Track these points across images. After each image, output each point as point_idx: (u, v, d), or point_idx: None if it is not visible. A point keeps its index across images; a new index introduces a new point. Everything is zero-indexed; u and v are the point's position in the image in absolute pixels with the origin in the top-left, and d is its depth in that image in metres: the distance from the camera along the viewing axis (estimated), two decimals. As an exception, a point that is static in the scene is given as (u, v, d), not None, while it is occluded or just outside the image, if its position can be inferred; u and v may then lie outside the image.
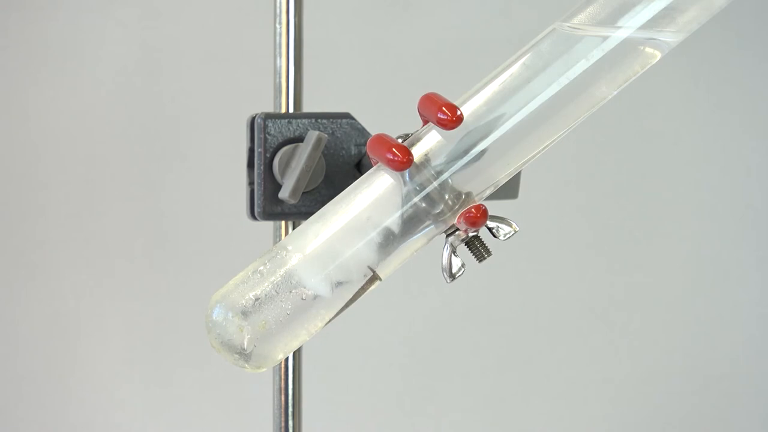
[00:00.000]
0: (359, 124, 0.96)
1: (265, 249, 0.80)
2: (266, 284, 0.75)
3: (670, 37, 0.75)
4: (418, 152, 0.76)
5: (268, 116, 0.94)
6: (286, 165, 0.94)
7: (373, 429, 1.97)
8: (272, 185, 0.94)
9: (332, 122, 0.95)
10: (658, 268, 2.03)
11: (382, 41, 1.93)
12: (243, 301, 0.75)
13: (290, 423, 1.03)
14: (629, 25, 0.74)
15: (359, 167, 0.95)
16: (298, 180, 0.92)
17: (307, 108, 1.02)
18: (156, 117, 1.88)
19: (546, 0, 1.92)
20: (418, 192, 0.75)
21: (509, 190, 0.96)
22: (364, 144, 0.95)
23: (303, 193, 0.94)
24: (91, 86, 1.86)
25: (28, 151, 1.85)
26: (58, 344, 1.87)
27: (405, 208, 0.76)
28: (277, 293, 0.75)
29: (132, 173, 1.88)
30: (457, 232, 0.76)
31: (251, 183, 0.96)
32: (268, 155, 0.94)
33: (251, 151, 0.95)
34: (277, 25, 1.01)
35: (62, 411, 1.88)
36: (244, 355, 0.75)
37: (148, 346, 1.89)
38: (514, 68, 0.76)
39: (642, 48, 0.75)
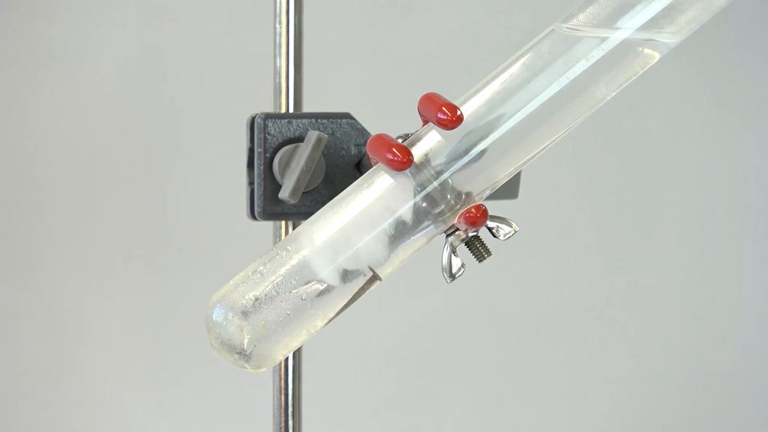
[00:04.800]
0: (359, 124, 0.96)
1: (265, 249, 0.80)
2: (266, 284, 0.75)
3: (670, 38, 0.75)
4: (418, 152, 0.76)
5: (268, 116, 0.94)
6: (286, 165, 0.93)
7: (373, 429, 1.97)
8: (272, 185, 0.94)
9: (332, 122, 0.95)
10: (658, 268, 2.03)
11: (382, 42, 1.93)
12: (243, 301, 0.75)
13: (290, 423, 1.03)
14: (629, 26, 0.74)
15: (359, 167, 0.95)
16: (298, 180, 0.92)
17: (307, 108, 1.02)
18: (156, 117, 1.88)
19: (546, 0, 1.92)
20: (418, 192, 0.75)
21: (509, 190, 0.96)
22: (364, 144, 0.95)
23: (303, 193, 0.93)
24: (91, 86, 1.86)
25: (28, 151, 1.85)
26: (58, 344, 1.87)
27: (405, 207, 0.76)
28: (277, 293, 0.75)
29: (132, 173, 1.88)
30: (457, 232, 0.76)
31: (251, 183, 0.96)
32: (268, 155, 0.94)
33: (251, 151, 0.95)
34: (277, 25, 1.01)
35: (62, 411, 1.88)
36: (244, 355, 0.75)
37: (148, 346, 1.89)
38: (514, 68, 0.76)
39: (642, 48, 0.75)
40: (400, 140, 0.77)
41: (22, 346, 1.86)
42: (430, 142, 0.76)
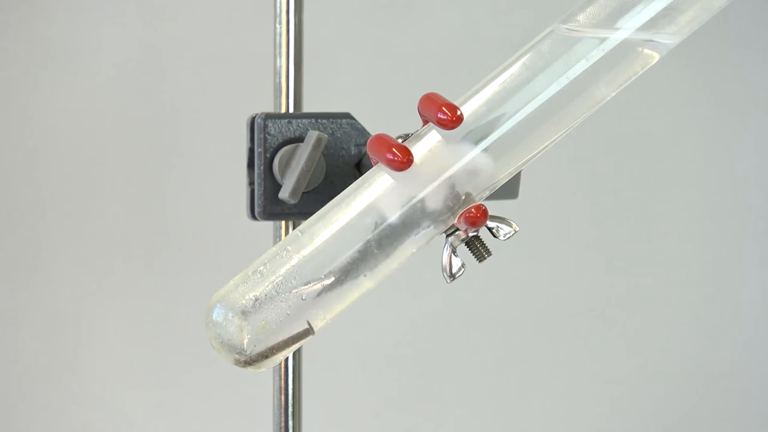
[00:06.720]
0: (359, 124, 0.96)
1: (265, 249, 0.80)
2: (266, 284, 0.75)
3: (670, 38, 0.75)
4: (418, 152, 0.76)
5: (268, 116, 0.94)
6: (286, 165, 0.93)
7: (373, 429, 1.97)
8: (272, 185, 0.94)
9: (332, 122, 0.95)
10: (658, 268, 2.03)
11: (382, 41, 1.93)
12: (243, 301, 0.75)
13: (290, 423, 1.03)
14: (629, 26, 0.74)
15: (359, 167, 0.95)
16: (298, 180, 0.92)
17: (307, 108, 1.02)
18: (156, 117, 1.88)
19: (546, 0, 1.92)
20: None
21: (509, 190, 0.96)
22: (364, 144, 0.95)
23: (303, 193, 0.93)
24: (91, 86, 1.86)
25: (28, 151, 1.85)
26: (58, 344, 1.87)
27: (405, 208, 0.76)
28: (277, 293, 0.75)
29: (132, 173, 1.88)
30: (457, 232, 0.76)
31: (251, 183, 0.96)
32: (268, 155, 0.94)
33: (251, 151, 0.95)
34: (277, 25, 1.01)
35: (62, 411, 1.88)
36: (244, 355, 0.75)
37: (148, 346, 1.89)
38: (514, 68, 0.76)
39: (642, 48, 0.75)
40: (400, 140, 0.77)
41: (22, 346, 1.86)
42: (430, 142, 0.76)
